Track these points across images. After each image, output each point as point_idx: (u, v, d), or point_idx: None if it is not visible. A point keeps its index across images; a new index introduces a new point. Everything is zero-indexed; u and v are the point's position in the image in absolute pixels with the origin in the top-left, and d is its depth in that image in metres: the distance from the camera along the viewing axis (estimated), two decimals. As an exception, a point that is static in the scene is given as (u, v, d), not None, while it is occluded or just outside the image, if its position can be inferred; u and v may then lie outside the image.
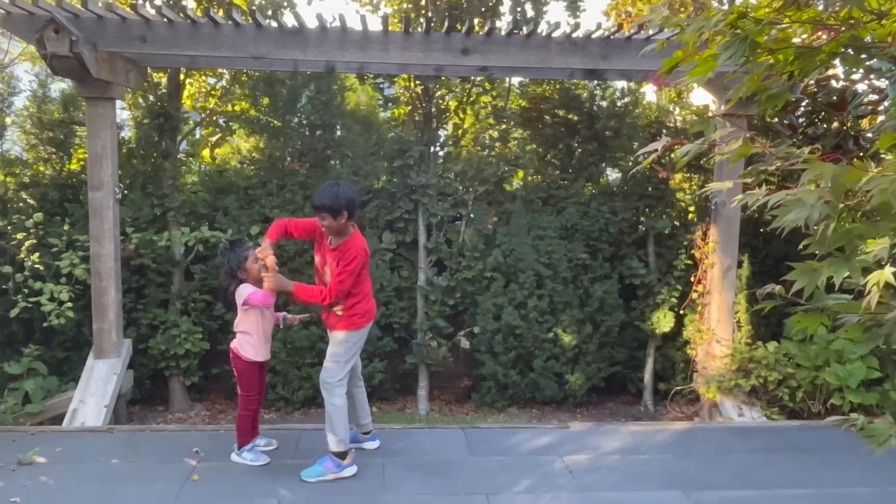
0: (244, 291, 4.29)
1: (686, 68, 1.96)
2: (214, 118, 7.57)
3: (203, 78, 7.57)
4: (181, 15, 5.53)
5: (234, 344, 4.47)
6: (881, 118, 6.66)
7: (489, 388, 6.86)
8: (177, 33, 5.52)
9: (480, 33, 5.78)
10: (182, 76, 6.97)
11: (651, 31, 5.63)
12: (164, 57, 5.81)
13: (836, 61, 2.08)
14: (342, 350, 4.30)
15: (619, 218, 7.00)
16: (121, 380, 5.91)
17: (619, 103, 7.30)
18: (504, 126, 7.51)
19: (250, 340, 4.39)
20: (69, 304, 5.94)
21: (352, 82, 7.85)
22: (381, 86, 7.41)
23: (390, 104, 7.62)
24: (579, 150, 7.37)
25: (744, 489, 4.31)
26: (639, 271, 6.99)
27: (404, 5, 6.96)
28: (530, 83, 7.69)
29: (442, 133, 7.52)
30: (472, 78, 6.95)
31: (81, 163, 6.81)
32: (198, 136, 7.72)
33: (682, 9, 7.64)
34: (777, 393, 5.97)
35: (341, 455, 4.33)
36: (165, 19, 5.43)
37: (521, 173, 7.43)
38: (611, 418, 6.81)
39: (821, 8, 1.78)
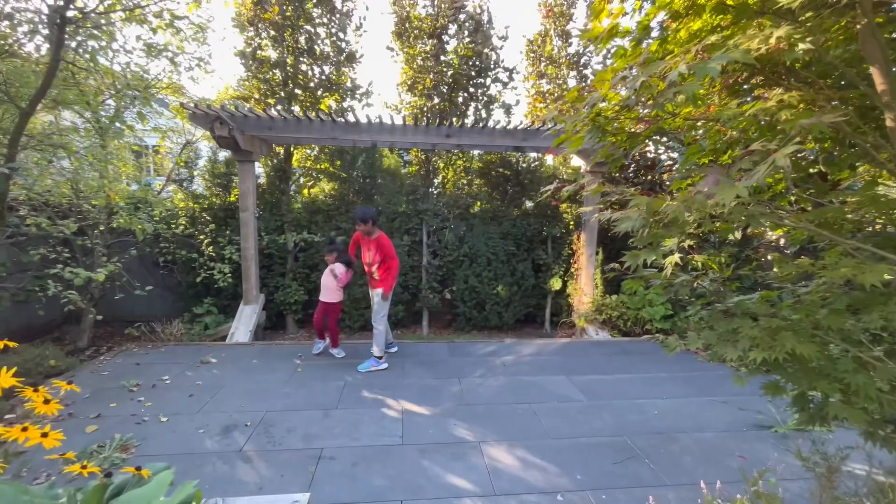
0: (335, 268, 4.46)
1: (566, 144, 1.93)
2: (310, 171, 7.45)
3: (304, 149, 7.45)
4: (291, 115, 5.44)
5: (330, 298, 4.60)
6: (674, 173, 6.67)
7: (461, 321, 6.83)
8: (288, 125, 5.42)
9: (456, 125, 5.73)
10: (292, 148, 6.85)
11: (550, 125, 5.60)
12: (281, 138, 5.71)
13: (650, 141, 2.06)
14: (381, 300, 4.30)
15: (532, 227, 6.96)
16: (259, 317, 5.85)
17: (532, 164, 7.26)
18: (469, 177, 7.46)
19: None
20: (229, 275, 5.86)
21: (385, 152, 7.75)
22: (402, 154, 7.31)
23: (407, 164, 7.54)
24: (511, 190, 7.33)
25: (598, 374, 4.34)
26: (542, 257, 6.97)
27: (414, 110, 6.87)
28: (484, 153, 7.64)
29: (435, 181, 7.46)
30: (452, 150, 6.89)
31: (236, 196, 6.70)
32: (300, 181, 7.61)
33: (570, 111, 7.59)
34: (617, 323, 6.00)
35: (379, 357, 4.33)
36: (282, 117, 5.34)
37: (478, 203, 7.39)
38: (527, 337, 6.83)
39: (641, 111, 1.75)
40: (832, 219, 1.51)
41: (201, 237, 6.14)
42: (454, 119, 5.99)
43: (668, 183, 6.67)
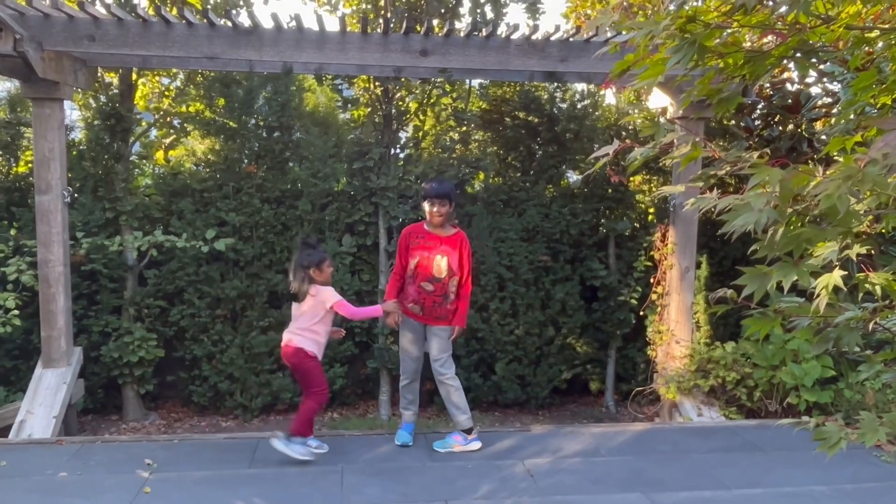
0: (330, 296, 4.60)
1: (639, 71, 1.95)
2: (168, 119, 7.41)
3: (156, 78, 7.41)
4: (133, 13, 5.41)
5: (298, 343, 4.64)
6: (833, 123, 6.80)
7: (451, 392, 6.83)
8: (127, 32, 5.38)
9: (439, 34, 5.75)
10: (134, 76, 6.82)
11: (610, 34, 5.66)
12: (113, 56, 5.66)
13: (792, 65, 2.10)
14: (445, 341, 4.81)
15: (580, 220, 7.02)
16: (71, 389, 5.75)
17: (578, 105, 7.33)
18: (465, 128, 7.50)
19: (319, 341, 4.69)
20: (15, 312, 5.75)
21: (310, 83, 7.75)
22: (340, 87, 7.31)
23: (349, 105, 7.53)
24: (540, 152, 7.38)
25: (702, 489, 4.35)
26: (599, 273, 7.02)
27: (363, 6, 6.90)
28: (490, 85, 7.69)
29: (402, 135, 7.47)
30: (433, 79, 6.92)
31: (29, 165, 6.62)
32: (151, 137, 7.55)
33: (641, 12, 7.70)
34: (735, 392, 6.04)
35: (468, 430, 4.85)
36: (115, 18, 5.30)
37: (482, 175, 7.42)
38: (572, 420, 6.84)
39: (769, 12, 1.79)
40: None
41: (-37, 242, 6.06)
42: (435, 23, 6.02)
43: (824, 138, 6.79)
